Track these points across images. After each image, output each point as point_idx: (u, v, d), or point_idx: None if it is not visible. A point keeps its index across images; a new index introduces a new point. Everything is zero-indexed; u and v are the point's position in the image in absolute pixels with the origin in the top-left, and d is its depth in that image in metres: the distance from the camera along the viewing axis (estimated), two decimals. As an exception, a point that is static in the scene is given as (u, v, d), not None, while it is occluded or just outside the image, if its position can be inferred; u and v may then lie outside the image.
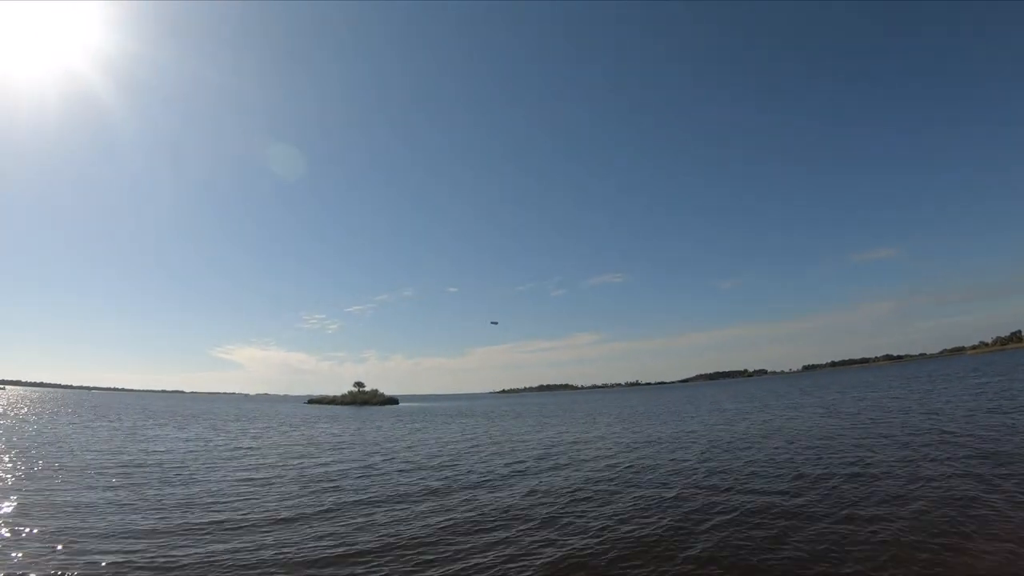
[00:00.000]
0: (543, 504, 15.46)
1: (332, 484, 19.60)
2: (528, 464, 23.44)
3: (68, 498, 16.40)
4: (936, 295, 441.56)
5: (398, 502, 16.31)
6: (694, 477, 18.37)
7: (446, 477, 20.67)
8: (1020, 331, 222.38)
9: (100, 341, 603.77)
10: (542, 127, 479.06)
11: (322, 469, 23.37)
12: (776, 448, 23.46)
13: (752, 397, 70.52)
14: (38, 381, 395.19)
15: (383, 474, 21.91)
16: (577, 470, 21.27)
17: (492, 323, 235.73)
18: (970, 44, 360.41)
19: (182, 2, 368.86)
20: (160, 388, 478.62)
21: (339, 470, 22.99)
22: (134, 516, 14.29)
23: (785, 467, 18.93)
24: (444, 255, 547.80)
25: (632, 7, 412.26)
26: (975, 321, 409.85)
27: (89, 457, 25.64)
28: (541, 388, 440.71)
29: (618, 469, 20.89)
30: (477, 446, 31.71)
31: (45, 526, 13.07)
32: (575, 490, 17.20)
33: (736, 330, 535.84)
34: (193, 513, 14.85)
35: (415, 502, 16.26)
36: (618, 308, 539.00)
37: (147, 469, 22.57)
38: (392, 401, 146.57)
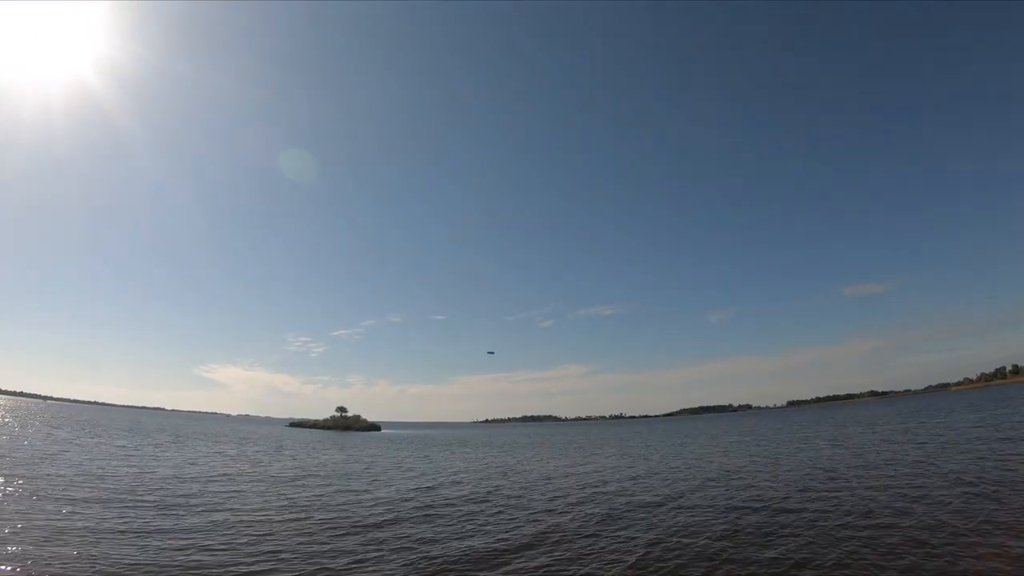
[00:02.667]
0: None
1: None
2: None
3: None
4: (922, 331, 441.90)
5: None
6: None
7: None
8: (1004, 368, 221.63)
9: (81, 353, 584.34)
10: (534, 158, 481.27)
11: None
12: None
13: (750, 431, 67.02)
14: (18, 390, 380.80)
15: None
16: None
17: (489, 353, 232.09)
18: (958, 82, 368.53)
19: (189, 6, 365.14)
20: (141, 404, 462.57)
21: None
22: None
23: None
24: (431, 282, 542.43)
25: (627, 47, 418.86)
26: (959, 358, 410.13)
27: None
28: (525, 419, 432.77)
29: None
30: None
31: None
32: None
33: (722, 365, 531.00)
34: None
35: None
36: (606, 341, 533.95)
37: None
38: (374, 428, 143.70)
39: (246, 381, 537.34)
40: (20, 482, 20.76)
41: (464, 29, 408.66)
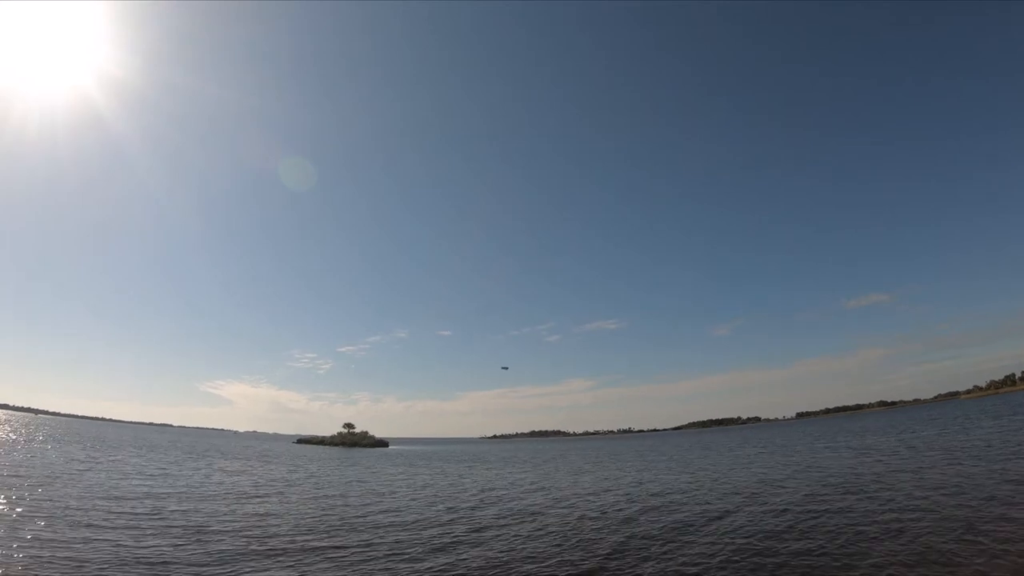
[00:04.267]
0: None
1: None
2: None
3: None
4: (929, 340, 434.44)
5: None
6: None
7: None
8: (1014, 374, 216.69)
9: (85, 368, 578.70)
10: (537, 171, 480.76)
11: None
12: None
13: (773, 442, 64.09)
14: (26, 406, 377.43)
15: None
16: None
17: (503, 368, 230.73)
18: (964, 88, 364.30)
19: (188, 19, 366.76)
20: (148, 420, 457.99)
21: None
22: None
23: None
24: (438, 298, 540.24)
25: (624, 63, 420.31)
26: (967, 365, 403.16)
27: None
28: (533, 434, 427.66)
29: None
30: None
31: None
32: None
33: (729, 377, 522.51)
34: None
35: None
36: (612, 354, 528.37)
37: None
38: (382, 444, 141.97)
39: (252, 398, 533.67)
40: (42, 504, 19.27)
41: (463, 37, 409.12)
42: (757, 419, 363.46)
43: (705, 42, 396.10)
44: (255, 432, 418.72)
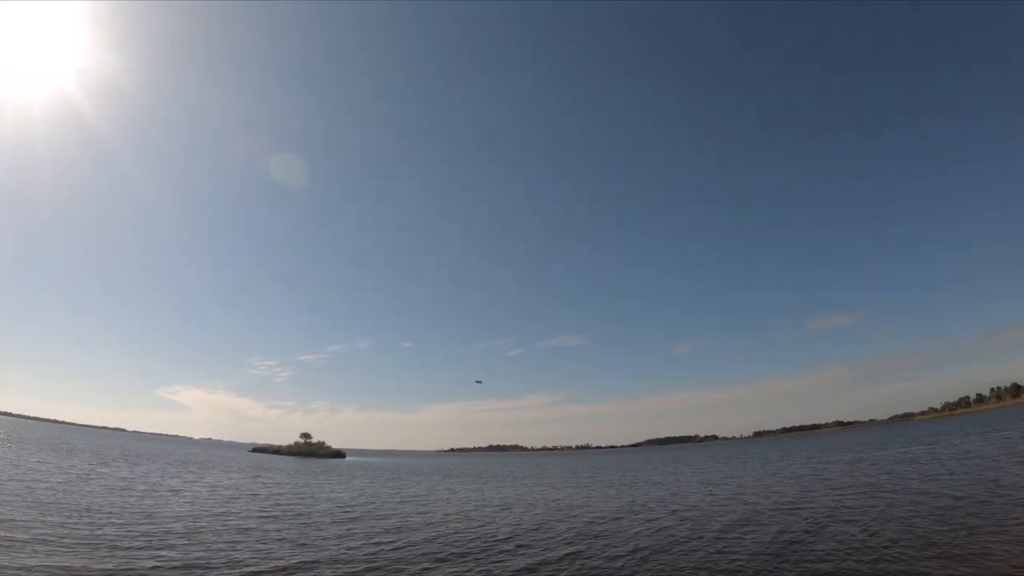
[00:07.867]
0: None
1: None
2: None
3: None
4: (885, 362, 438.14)
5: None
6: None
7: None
8: (968, 396, 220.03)
9: (38, 366, 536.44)
10: (507, 187, 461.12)
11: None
12: None
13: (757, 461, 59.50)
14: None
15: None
16: None
17: (477, 382, 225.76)
18: (922, 115, 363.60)
19: (172, 18, 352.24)
20: (101, 424, 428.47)
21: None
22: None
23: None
24: (400, 309, 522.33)
25: (599, 72, 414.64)
26: (923, 387, 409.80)
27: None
28: (490, 448, 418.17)
29: None
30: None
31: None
32: None
33: (688, 395, 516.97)
34: None
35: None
36: (573, 370, 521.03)
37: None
38: (339, 455, 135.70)
39: (209, 404, 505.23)
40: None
41: (450, 37, 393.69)
42: (715, 437, 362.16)
43: (684, 45, 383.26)
44: (211, 439, 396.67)
